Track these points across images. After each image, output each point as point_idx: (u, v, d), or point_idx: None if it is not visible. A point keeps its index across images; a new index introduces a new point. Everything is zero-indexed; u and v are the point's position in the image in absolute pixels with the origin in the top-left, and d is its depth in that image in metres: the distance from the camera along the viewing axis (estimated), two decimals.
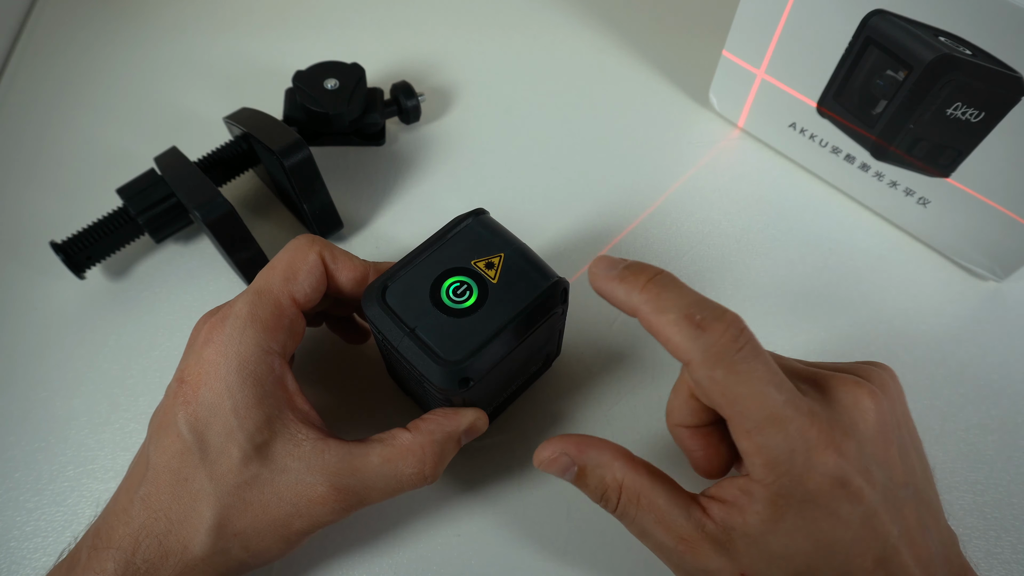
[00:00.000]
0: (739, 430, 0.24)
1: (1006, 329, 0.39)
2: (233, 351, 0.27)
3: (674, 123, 0.47)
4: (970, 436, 0.35)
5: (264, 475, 0.27)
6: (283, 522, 0.27)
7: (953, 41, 0.33)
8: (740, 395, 0.23)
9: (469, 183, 0.44)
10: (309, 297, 0.30)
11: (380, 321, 0.29)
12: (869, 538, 0.24)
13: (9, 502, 0.34)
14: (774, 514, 0.24)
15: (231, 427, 0.26)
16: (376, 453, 0.28)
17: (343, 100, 0.41)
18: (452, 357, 0.28)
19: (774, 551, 0.24)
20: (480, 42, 0.51)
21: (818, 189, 0.44)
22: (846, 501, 0.23)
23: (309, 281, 0.30)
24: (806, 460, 0.23)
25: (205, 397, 0.27)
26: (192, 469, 0.27)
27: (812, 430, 0.23)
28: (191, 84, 0.49)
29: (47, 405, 0.36)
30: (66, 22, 0.53)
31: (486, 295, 0.29)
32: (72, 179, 0.45)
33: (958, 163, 0.36)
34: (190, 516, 0.26)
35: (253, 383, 0.27)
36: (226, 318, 0.28)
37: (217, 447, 0.26)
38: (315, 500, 0.27)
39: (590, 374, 0.37)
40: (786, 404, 0.23)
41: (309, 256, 0.30)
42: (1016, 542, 0.33)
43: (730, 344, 0.23)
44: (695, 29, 0.52)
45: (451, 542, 0.33)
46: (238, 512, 0.27)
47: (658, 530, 0.26)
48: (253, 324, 0.28)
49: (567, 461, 0.27)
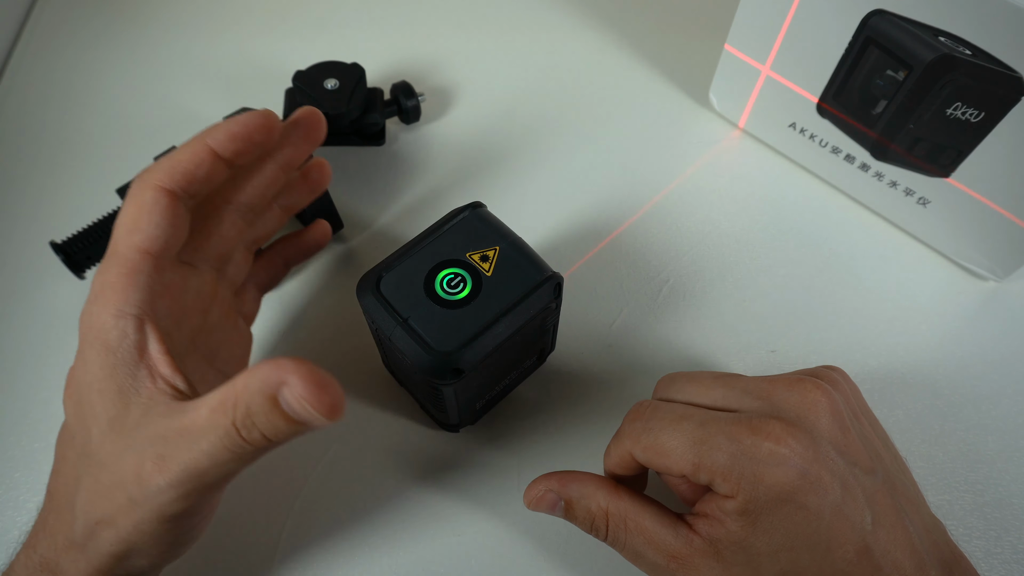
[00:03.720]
0: (691, 472, 0.25)
1: (1006, 329, 0.39)
2: (89, 322, 0.25)
3: (674, 123, 0.47)
4: (970, 436, 0.35)
5: (113, 452, 0.24)
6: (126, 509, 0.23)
7: (953, 41, 0.33)
8: (664, 443, 0.26)
9: (469, 183, 0.44)
10: (162, 238, 0.26)
11: (374, 310, 0.29)
12: (844, 528, 0.24)
13: (9, 502, 0.34)
14: (748, 520, 0.25)
15: (93, 404, 0.25)
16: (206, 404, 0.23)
17: (343, 100, 0.41)
18: (444, 348, 0.28)
19: (759, 552, 0.25)
20: (480, 42, 0.51)
21: (818, 189, 0.44)
22: (811, 492, 0.24)
23: (154, 221, 0.26)
24: (749, 459, 0.24)
25: (76, 375, 0.26)
26: (74, 454, 0.26)
27: (741, 430, 0.25)
28: (191, 84, 0.49)
29: (47, 405, 0.36)
30: (66, 22, 0.53)
31: (480, 287, 0.29)
32: (72, 179, 0.45)
33: (958, 163, 0.36)
34: (72, 503, 0.25)
35: (105, 352, 0.25)
36: (90, 292, 0.26)
37: (84, 428, 0.25)
38: (143, 475, 0.23)
39: (588, 374, 0.37)
40: (703, 424, 0.25)
41: (146, 195, 0.26)
42: (1016, 542, 0.33)
43: (638, 417, 0.27)
44: (695, 29, 0.52)
45: (451, 542, 0.33)
46: (98, 497, 0.24)
47: (649, 551, 0.26)
48: (103, 290, 0.26)
49: (553, 497, 0.28)
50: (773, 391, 0.26)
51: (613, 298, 0.40)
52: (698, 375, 0.29)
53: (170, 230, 0.27)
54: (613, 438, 0.29)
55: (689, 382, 0.29)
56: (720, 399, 0.27)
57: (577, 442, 0.35)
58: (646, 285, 0.40)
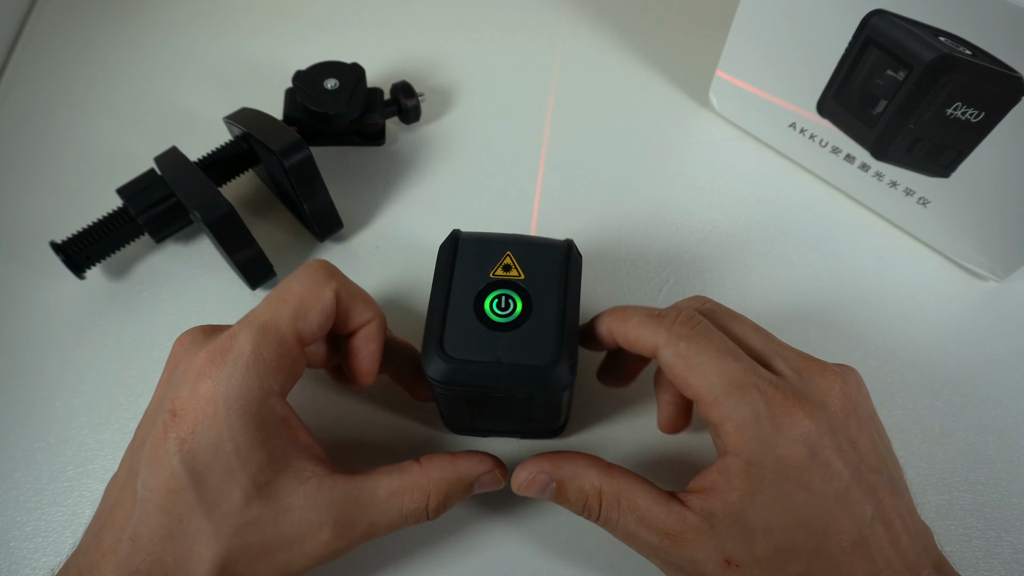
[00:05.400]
0: (707, 403, 0.25)
1: (1006, 329, 0.39)
2: (235, 393, 0.26)
3: (674, 123, 0.47)
4: (970, 436, 0.35)
5: (267, 516, 0.26)
6: (286, 562, 0.26)
7: (953, 41, 0.33)
8: (702, 364, 0.26)
9: (469, 183, 0.44)
10: (316, 336, 0.28)
11: (460, 375, 0.27)
12: (844, 516, 0.24)
13: (9, 502, 0.34)
14: (750, 487, 0.25)
15: (232, 468, 0.25)
16: (383, 486, 0.28)
17: (343, 100, 0.41)
18: (545, 359, 0.27)
19: (754, 527, 0.25)
20: (480, 42, 0.51)
21: (818, 189, 0.44)
22: (818, 474, 0.24)
23: (319, 321, 0.28)
24: (772, 424, 0.25)
25: (203, 436, 0.25)
26: (188, 509, 0.25)
27: (776, 395, 0.25)
28: (191, 84, 0.49)
29: (47, 405, 0.36)
30: (66, 22, 0.53)
31: (526, 293, 0.29)
32: (72, 179, 0.45)
33: (958, 163, 0.36)
34: (188, 558, 0.25)
35: (256, 426, 0.26)
36: (226, 352, 0.26)
37: (217, 488, 0.25)
38: (319, 539, 0.26)
39: (587, 374, 0.37)
40: (746, 372, 0.25)
41: (325, 293, 0.28)
42: (1016, 542, 0.33)
43: (687, 322, 0.27)
44: (695, 29, 0.52)
45: (451, 542, 0.33)
46: (240, 554, 0.26)
47: (641, 529, 0.26)
48: (256, 365, 0.26)
49: (545, 479, 0.28)
50: (806, 368, 0.27)
51: (613, 298, 0.40)
52: (740, 316, 0.29)
53: (321, 335, 0.29)
54: (646, 317, 0.28)
55: (733, 319, 0.29)
56: (758, 347, 0.28)
57: (577, 442, 0.35)
58: (646, 285, 0.40)
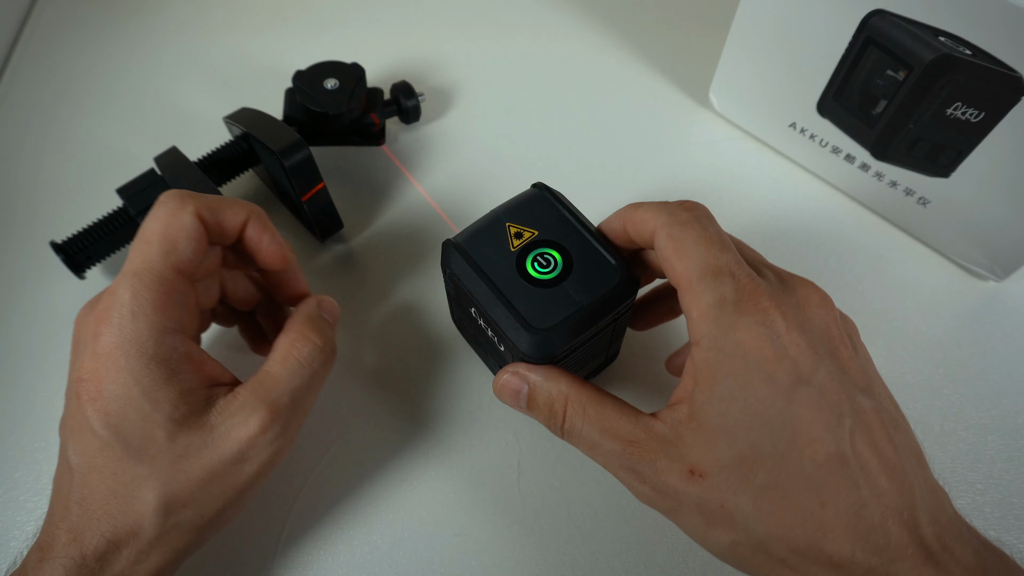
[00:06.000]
0: (683, 288, 0.25)
1: (1006, 329, 0.39)
2: (128, 340, 0.26)
3: (674, 123, 0.47)
4: (970, 436, 0.35)
5: (196, 442, 0.27)
6: (232, 472, 0.27)
7: (953, 41, 0.33)
8: (688, 248, 0.25)
9: (469, 183, 0.44)
10: (194, 261, 0.28)
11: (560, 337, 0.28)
12: (816, 423, 0.23)
13: (9, 502, 0.34)
14: (708, 377, 0.24)
15: (146, 411, 0.26)
16: (274, 361, 0.29)
17: (343, 100, 0.41)
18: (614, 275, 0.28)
19: (713, 426, 0.24)
20: (480, 42, 0.51)
21: (818, 189, 0.44)
22: (782, 368, 0.23)
23: (191, 246, 0.28)
24: (736, 310, 0.24)
25: (110, 390, 0.26)
26: (118, 462, 0.26)
27: (749, 286, 0.24)
28: (191, 84, 0.49)
29: (47, 405, 0.36)
30: (66, 22, 0.53)
31: (553, 242, 0.30)
32: (72, 179, 0.45)
33: (958, 163, 0.36)
34: (132, 505, 0.26)
35: (158, 365, 0.26)
36: (110, 308, 0.27)
37: (138, 433, 0.26)
38: (255, 433, 0.27)
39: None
40: (727, 261, 0.25)
41: (184, 219, 0.28)
42: (1016, 542, 0.33)
43: (690, 208, 0.27)
44: (695, 29, 0.52)
45: (451, 542, 0.33)
46: (182, 486, 0.26)
47: (606, 439, 0.26)
48: (141, 309, 0.27)
49: (517, 382, 0.28)
50: (791, 278, 0.26)
51: None
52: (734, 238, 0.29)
53: (200, 258, 0.29)
54: (654, 203, 0.28)
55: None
56: (750, 256, 0.27)
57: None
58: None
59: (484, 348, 0.34)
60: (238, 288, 0.34)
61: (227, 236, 0.30)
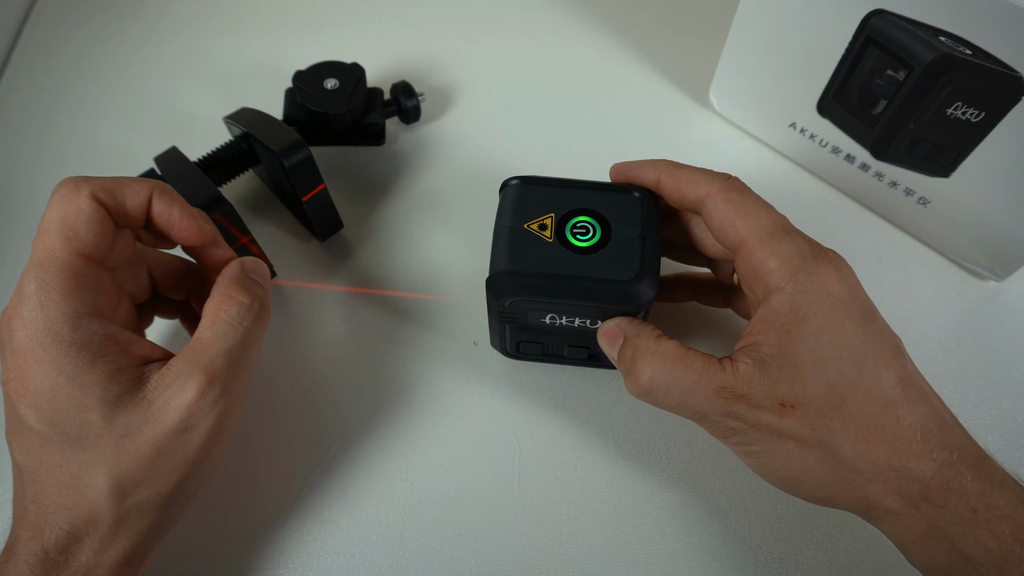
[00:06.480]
0: (754, 242, 0.28)
1: (1006, 329, 0.39)
2: (42, 331, 0.26)
3: (674, 123, 0.47)
4: None
5: (136, 420, 0.26)
6: (179, 443, 0.27)
7: (953, 41, 0.33)
8: (752, 210, 0.29)
9: (469, 183, 0.44)
10: (99, 244, 0.28)
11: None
12: (887, 351, 0.27)
13: (9, 502, 0.34)
14: (797, 318, 0.27)
15: (76, 397, 0.26)
16: (203, 327, 0.29)
17: (343, 100, 0.41)
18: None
19: (803, 360, 0.26)
20: (480, 42, 0.51)
21: (818, 189, 0.44)
22: (858, 307, 0.27)
23: (93, 228, 0.27)
24: (814, 259, 0.27)
25: (37, 384, 0.26)
26: (61, 454, 0.26)
27: (815, 248, 0.28)
28: (191, 84, 0.49)
29: None
30: (66, 22, 0.53)
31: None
32: None
33: (958, 163, 0.36)
34: (84, 493, 0.26)
35: (78, 350, 0.26)
36: (19, 302, 0.26)
37: (73, 422, 0.26)
38: (193, 399, 0.27)
39: (591, 373, 0.37)
40: (788, 222, 0.29)
41: (80, 203, 0.27)
42: None
43: (737, 181, 0.30)
44: (695, 29, 0.52)
45: (451, 542, 0.33)
46: (131, 465, 0.26)
47: (698, 388, 0.27)
48: (49, 297, 0.26)
49: (616, 330, 0.30)
50: (822, 249, 0.29)
51: None
52: None
53: (105, 240, 0.28)
54: (699, 169, 0.31)
55: None
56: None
57: (577, 440, 0.35)
58: None
59: (571, 346, 0.34)
60: (167, 275, 0.33)
61: (132, 216, 0.29)
